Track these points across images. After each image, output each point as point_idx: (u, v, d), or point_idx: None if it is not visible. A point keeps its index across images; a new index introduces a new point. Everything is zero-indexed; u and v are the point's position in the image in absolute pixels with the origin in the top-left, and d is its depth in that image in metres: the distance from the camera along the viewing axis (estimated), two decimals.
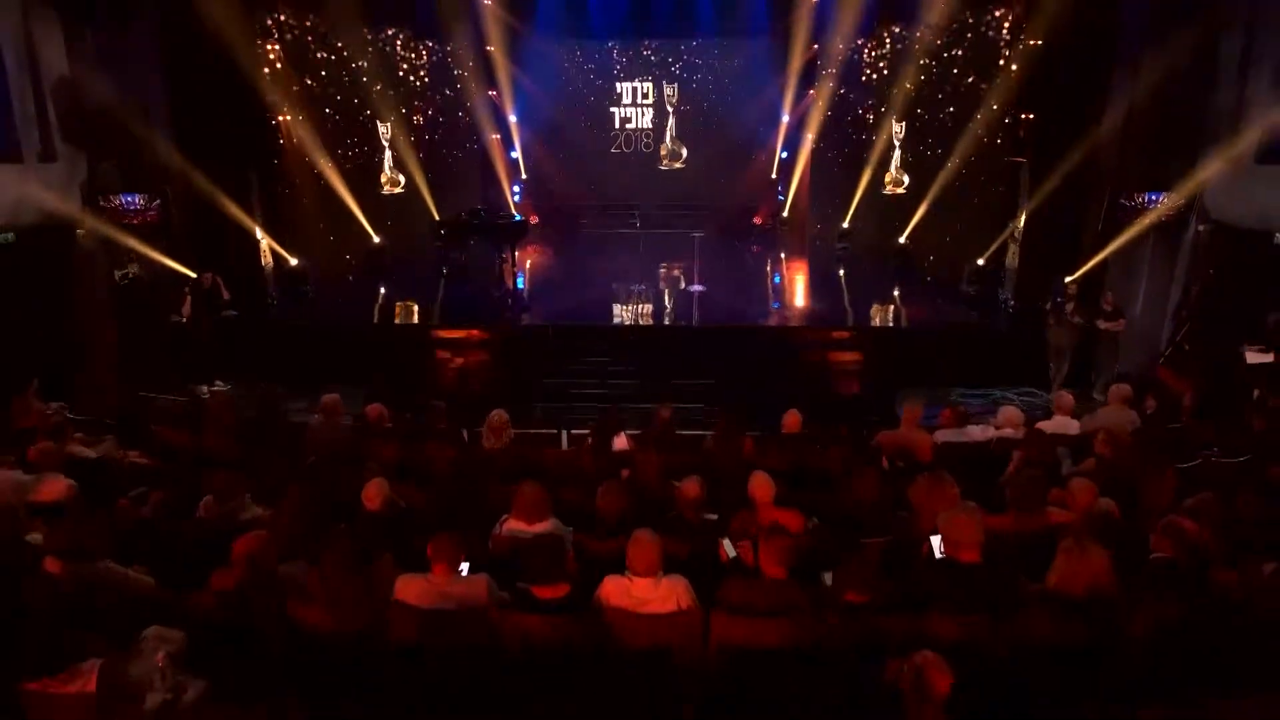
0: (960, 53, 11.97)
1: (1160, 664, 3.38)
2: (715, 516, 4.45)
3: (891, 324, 10.89)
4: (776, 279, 13.72)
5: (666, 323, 11.04)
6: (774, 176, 15.82)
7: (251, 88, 10.35)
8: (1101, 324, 9.46)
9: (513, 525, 4.35)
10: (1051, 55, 10.03)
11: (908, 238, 12.68)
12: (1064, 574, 3.60)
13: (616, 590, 3.56)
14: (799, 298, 12.76)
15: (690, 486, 4.41)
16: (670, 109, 16.11)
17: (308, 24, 11.87)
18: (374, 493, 4.47)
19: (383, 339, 10.64)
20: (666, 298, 11.96)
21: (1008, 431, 6.28)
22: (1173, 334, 9.63)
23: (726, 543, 4.03)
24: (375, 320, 11.23)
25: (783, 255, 14.97)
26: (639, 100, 16.48)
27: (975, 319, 11.04)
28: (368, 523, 4.36)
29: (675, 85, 16.08)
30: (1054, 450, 5.74)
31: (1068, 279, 9.81)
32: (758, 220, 15.78)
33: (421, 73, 14.01)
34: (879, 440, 6.06)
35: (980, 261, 11.40)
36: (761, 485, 4.46)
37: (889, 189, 13.17)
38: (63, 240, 9.16)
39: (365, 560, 3.61)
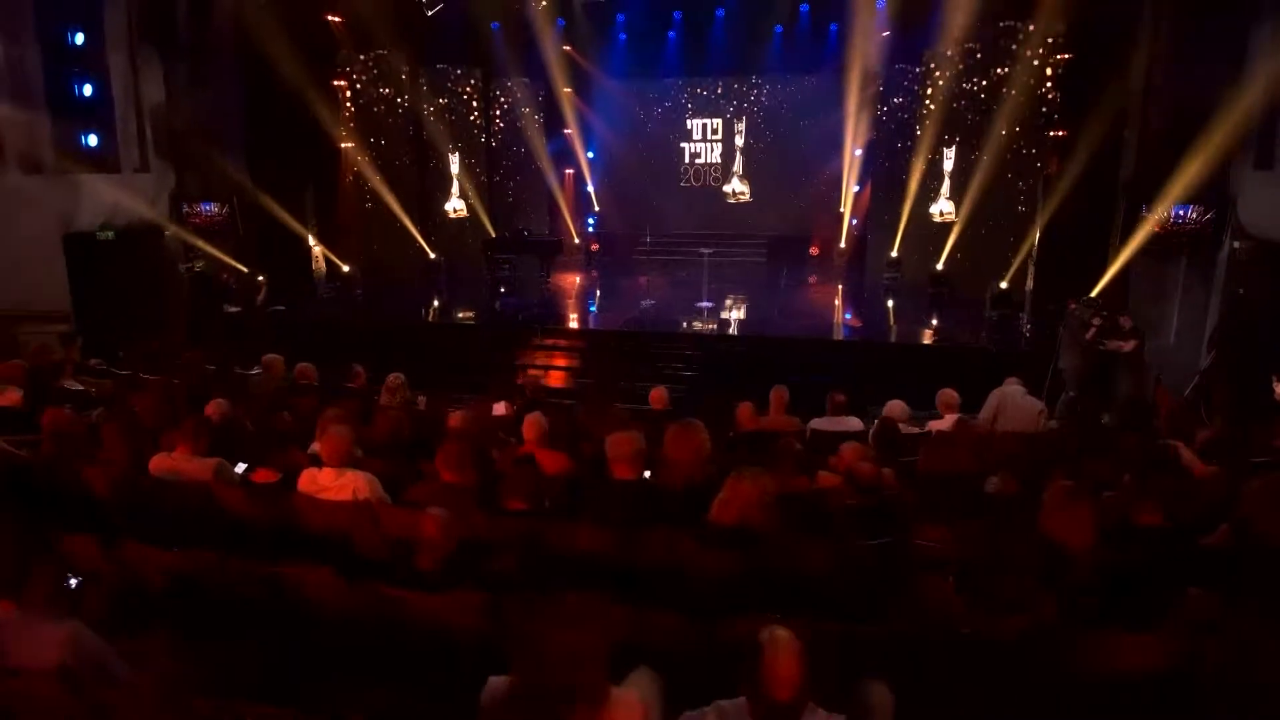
0: (982, 78, 11.61)
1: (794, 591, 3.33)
2: None
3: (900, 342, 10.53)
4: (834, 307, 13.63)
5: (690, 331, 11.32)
6: (841, 210, 15.67)
7: (316, 117, 11.97)
8: (1109, 343, 8.59)
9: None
10: (1070, 68, 9.50)
11: (944, 264, 12.13)
12: (719, 503, 3.58)
13: (306, 478, 3.98)
14: (841, 322, 12.60)
15: (453, 419, 4.75)
16: (738, 144, 16.49)
17: (378, 64, 13.45)
18: (213, 409, 5.17)
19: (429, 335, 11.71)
20: (699, 315, 12.27)
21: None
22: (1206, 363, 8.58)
23: None
24: (430, 319, 12.44)
25: (839, 285, 14.72)
26: (709, 136, 17.02)
27: (984, 341, 10.41)
28: None
29: (744, 121, 16.49)
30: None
31: (1082, 299, 9.03)
32: (814, 251, 15.66)
33: (493, 111, 15.31)
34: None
35: (1003, 285, 10.71)
36: (529, 425, 4.71)
37: (941, 217, 12.70)
38: (152, 239, 10.99)
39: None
